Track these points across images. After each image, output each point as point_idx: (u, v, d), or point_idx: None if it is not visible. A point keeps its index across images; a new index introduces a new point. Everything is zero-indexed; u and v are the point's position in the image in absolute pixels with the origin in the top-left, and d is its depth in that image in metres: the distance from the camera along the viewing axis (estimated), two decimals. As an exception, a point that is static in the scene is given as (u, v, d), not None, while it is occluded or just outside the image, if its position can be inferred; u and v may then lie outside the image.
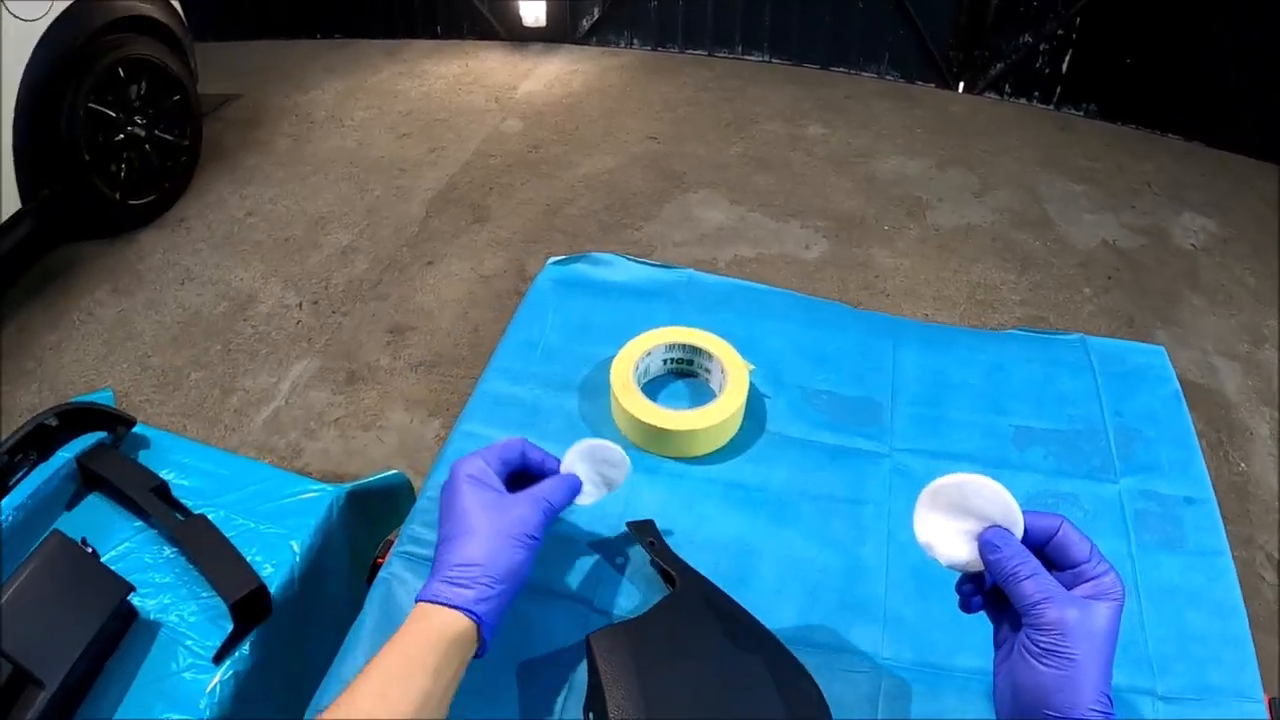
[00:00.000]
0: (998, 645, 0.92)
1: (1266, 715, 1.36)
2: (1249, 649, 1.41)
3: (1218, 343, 4.18)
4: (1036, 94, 6.01)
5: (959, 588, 0.97)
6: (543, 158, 4.60)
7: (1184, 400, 1.77)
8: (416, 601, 0.94)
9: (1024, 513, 0.89)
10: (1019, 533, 0.88)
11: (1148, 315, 4.25)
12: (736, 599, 1.18)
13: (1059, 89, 5.97)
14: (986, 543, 0.88)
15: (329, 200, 4.18)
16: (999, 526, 0.89)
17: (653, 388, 1.57)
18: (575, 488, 1.10)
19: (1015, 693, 0.83)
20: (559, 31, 5.74)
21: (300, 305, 3.67)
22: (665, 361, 1.58)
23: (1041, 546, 0.87)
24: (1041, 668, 0.79)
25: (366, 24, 5.52)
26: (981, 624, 1.31)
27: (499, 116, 4.91)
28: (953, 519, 0.92)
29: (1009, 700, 0.85)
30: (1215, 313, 4.38)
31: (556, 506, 1.04)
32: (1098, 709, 0.77)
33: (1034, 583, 0.82)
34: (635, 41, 5.88)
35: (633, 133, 4.93)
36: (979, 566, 0.90)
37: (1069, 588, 0.84)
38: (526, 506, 1.00)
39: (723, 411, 1.42)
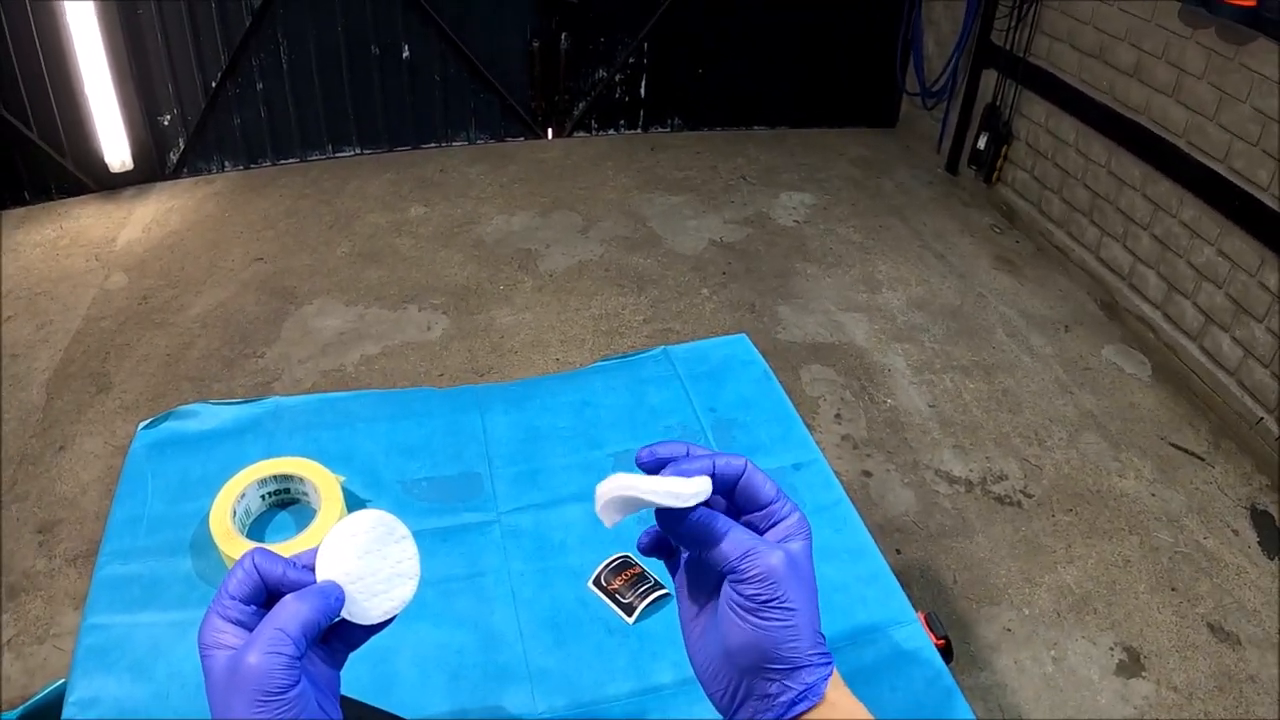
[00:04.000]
0: (689, 619, 0.82)
1: (925, 632, 1.46)
2: (891, 581, 1.49)
3: (838, 300, 4.46)
4: (623, 123, 6.28)
5: (640, 542, 0.85)
6: (154, 307, 4.41)
7: (773, 377, 1.87)
8: None
9: (712, 455, 0.79)
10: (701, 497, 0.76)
11: (767, 297, 4.48)
12: (385, 707, 1.17)
13: (642, 113, 6.27)
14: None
15: (-57, 408, 3.89)
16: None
17: (260, 525, 1.53)
18: (327, 596, 0.75)
19: (730, 657, 0.74)
20: (148, 171, 5.51)
21: (-62, 530, 3.40)
22: (263, 497, 1.54)
23: (729, 491, 0.79)
24: (760, 621, 0.72)
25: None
26: (624, 647, 1.35)
27: (102, 274, 4.68)
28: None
29: (720, 668, 0.76)
30: (829, 275, 4.68)
31: (296, 635, 0.71)
32: (819, 650, 0.73)
33: (732, 539, 0.74)
34: (226, 164, 5.72)
35: (238, 258, 4.80)
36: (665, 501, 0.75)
37: (760, 531, 0.77)
38: (258, 655, 0.69)
39: (320, 532, 1.40)
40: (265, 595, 0.75)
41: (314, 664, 0.76)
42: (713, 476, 0.77)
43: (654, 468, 0.79)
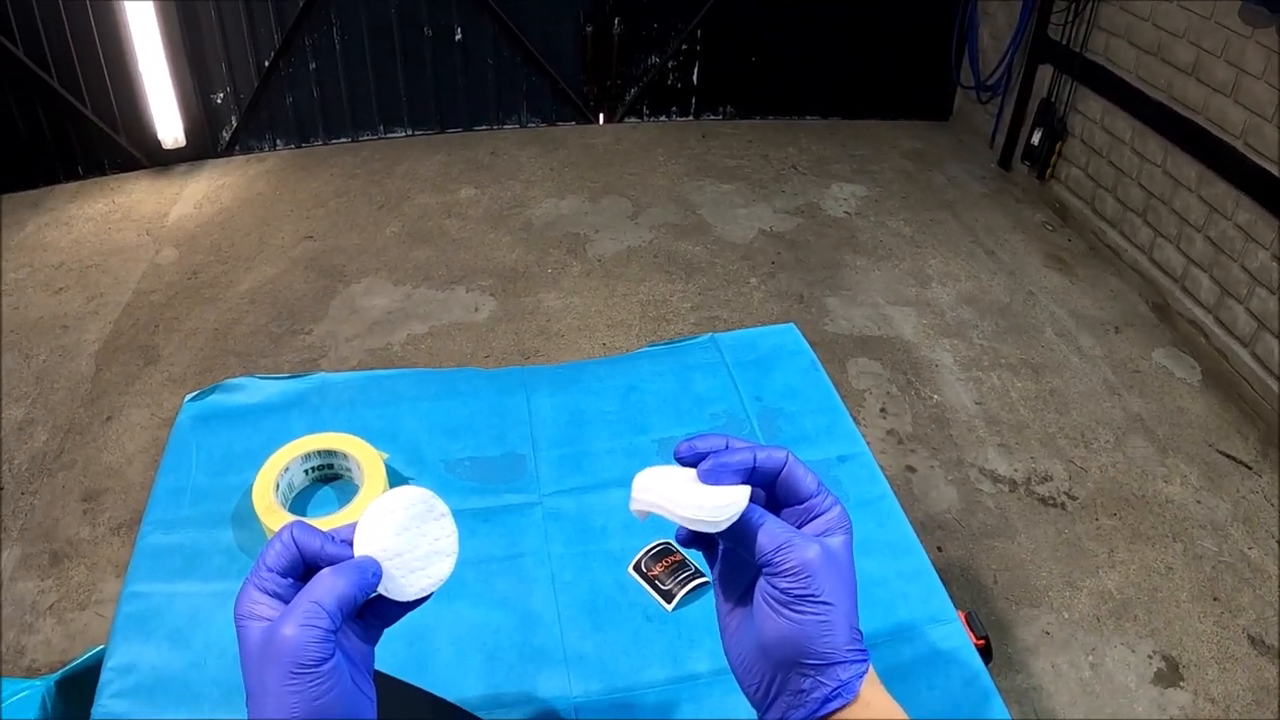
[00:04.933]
0: (725, 611, 0.81)
1: (965, 631, 1.45)
2: (932, 578, 1.47)
3: (887, 294, 4.43)
4: (674, 109, 6.26)
5: (678, 534, 0.82)
6: (203, 282, 4.45)
7: (821, 367, 1.85)
8: None
9: (752, 447, 0.78)
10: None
11: (816, 288, 4.46)
12: (420, 685, 1.17)
13: (694, 100, 6.25)
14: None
15: (-5, 376, 3.94)
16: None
17: (302, 500, 1.54)
18: (364, 572, 0.74)
19: (764, 650, 0.73)
20: (200, 148, 5.56)
21: (-12, 495, 3.45)
22: (306, 472, 1.55)
23: (770, 484, 0.79)
24: (794, 615, 0.71)
25: (2, 178, 5.19)
26: (662, 634, 1.34)
27: (153, 249, 4.72)
28: (679, 481, 0.78)
29: (754, 661, 0.75)
30: (879, 268, 4.65)
31: (332, 609, 0.70)
32: (855, 647, 0.72)
33: (767, 531, 0.73)
34: (278, 143, 5.77)
35: (288, 236, 4.83)
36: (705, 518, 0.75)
37: (799, 524, 0.77)
38: (293, 627, 0.69)
39: (362, 508, 1.40)
40: (303, 568, 0.75)
41: (349, 639, 0.75)
42: (753, 469, 0.77)
43: (692, 461, 0.78)
